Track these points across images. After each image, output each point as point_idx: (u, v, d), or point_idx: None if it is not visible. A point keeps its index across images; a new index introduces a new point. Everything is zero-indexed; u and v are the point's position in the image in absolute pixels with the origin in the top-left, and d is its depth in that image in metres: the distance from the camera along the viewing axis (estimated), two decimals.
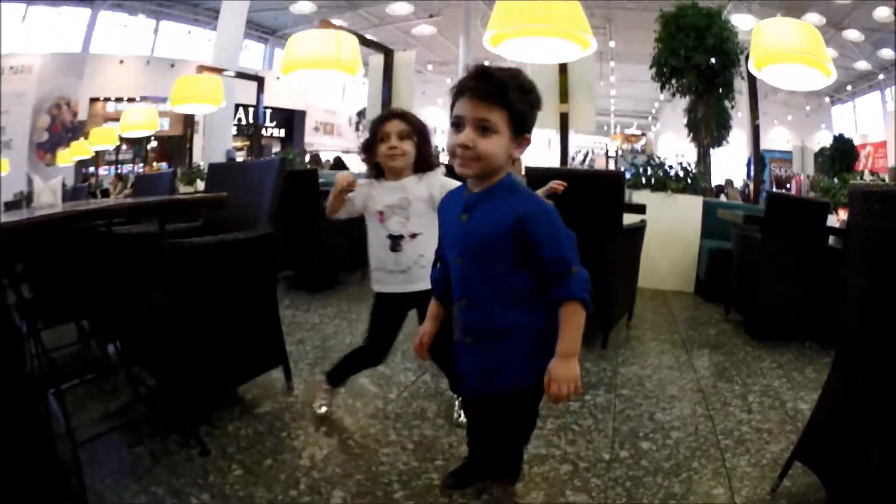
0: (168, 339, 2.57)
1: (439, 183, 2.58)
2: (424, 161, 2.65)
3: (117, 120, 13.50)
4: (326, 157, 18.74)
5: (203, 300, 2.67)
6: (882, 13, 16.34)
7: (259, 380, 3.17)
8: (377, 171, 2.68)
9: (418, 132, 2.63)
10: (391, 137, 2.58)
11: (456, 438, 2.67)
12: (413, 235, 2.58)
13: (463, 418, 2.70)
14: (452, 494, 2.19)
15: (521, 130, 1.77)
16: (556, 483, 2.34)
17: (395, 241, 2.58)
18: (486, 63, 1.86)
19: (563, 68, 6.84)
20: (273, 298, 3.14)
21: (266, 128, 23.55)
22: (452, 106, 1.79)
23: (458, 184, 2.14)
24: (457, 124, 1.75)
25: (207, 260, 2.65)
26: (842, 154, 20.93)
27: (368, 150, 2.67)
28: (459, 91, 1.76)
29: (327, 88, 26.19)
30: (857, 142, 24.43)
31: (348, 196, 2.64)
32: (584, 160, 23.79)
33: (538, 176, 4.11)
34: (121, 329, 2.99)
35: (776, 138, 30.79)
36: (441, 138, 3.25)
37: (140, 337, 2.86)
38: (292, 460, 2.44)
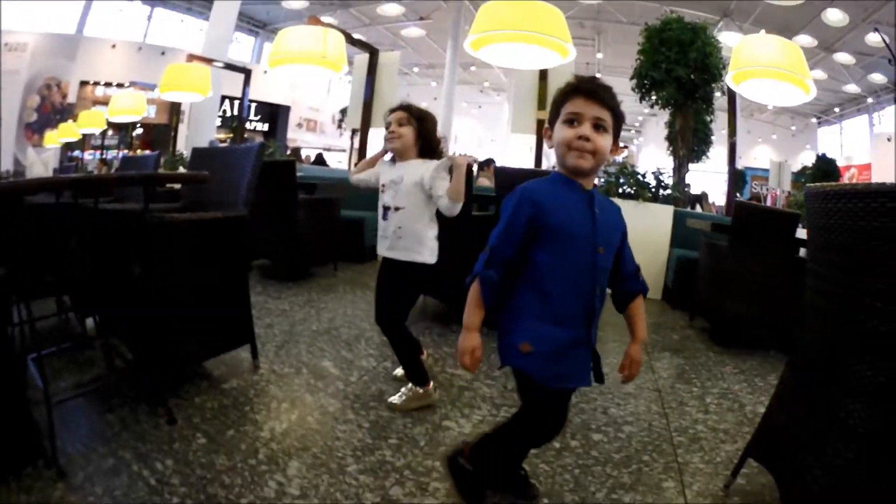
0: (146, 308, 2.66)
1: (432, 165, 2.92)
2: (427, 145, 3.03)
3: (106, 104, 13.47)
4: (307, 153, 18.78)
5: (181, 274, 2.77)
6: (874, 38, 16.46)
7: (226, 357, 3.27)
8: (393, 157, 3.11)
9: (418, 119, 3.01)
10: (392, 124, 3.00)
11: (410, 420, 2.78)
12: (397, 208, 2.93)
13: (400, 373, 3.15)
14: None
15: (617, 136, 1.92)
16: None
17: (385, 211, 2.98)
18: (473, 67, 1.97)
19: (542, 75, 6.97)
20: (245, 279, 3.23)
21: (250, 121, 23.55)
22: (560, 105, 1.91)
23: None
24: (571, 121, 1.86)
25: (187, 235, 2.75)
26: (823, 174, 21.02)
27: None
28: (573, 92, 1.88)
29: (313, 85, 26.36)
30: (842, 163, 24.58)
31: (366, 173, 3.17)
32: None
33: (508, 174, 4.23)
34: (101, 302, 3.06)
35: (760, 156, 30.98)
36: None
37: (119, 309, 2.92)
38: (253, 432, 2.52)
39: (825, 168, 21.42)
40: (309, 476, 2.21)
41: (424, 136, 3.01)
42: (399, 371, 3.25)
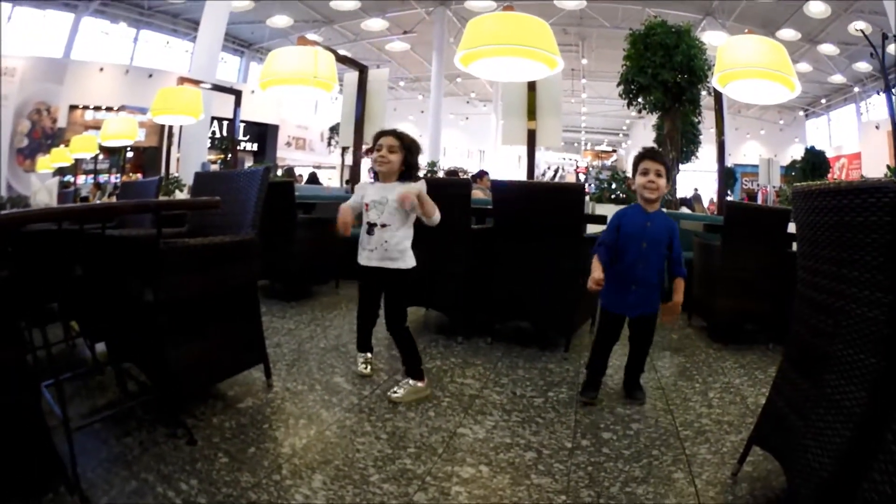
0: (162, 334, 2.70)
1: (412, 189, 3.30)
2: (409, 172, 3.49)
3: (96, 128, 13.47)
4: (299, 171, 18.85)
5: (194, 298, 2.83)
6: (859, 25, 16.56)
7: (239, 378, 3.35)
8: (375, 175, 3.56)
9: (407, 148, 3.48)
10: (383, 149, 3.43)
11: (426, 429, 2.86)
12: (384, 225, 3.37)
13: (366, 369, 3.68)
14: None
15: (669, 178, 3.37)
16: (521, 468, 2.52)
17: (371, 228, 3.40)
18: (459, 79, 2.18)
19: (531, 86, 7.05)
20: (255, 300, 3.29)
21: (240, 141, 23.64)
22: (637, 164, 3.38)
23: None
24: (645, 172, 3.30)
25: (199, 260, 2.81)
26: (813, 166, 21.14)
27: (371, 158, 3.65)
28: (643, 156, 3.36)
29: (300, 104, 26.48)
30: (831, 154, 24.66)
31: (350, 200, 3.54)
32: (554, 175, 24.09)
33: (502, 188, 4.31)
34: (110, 328, 3.11)
35: (749, 152, 31.10)
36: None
37: (131, 334, 2.98)
38: (274, 449, 2.59)
39: (814, 160, 21.50)
40: (334, 487, 2.28)
41: (409, 164, 3.49)
42: (396, 394, 3.32)
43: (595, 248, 3.36)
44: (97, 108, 20.01)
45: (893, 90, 16.25)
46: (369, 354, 3.74)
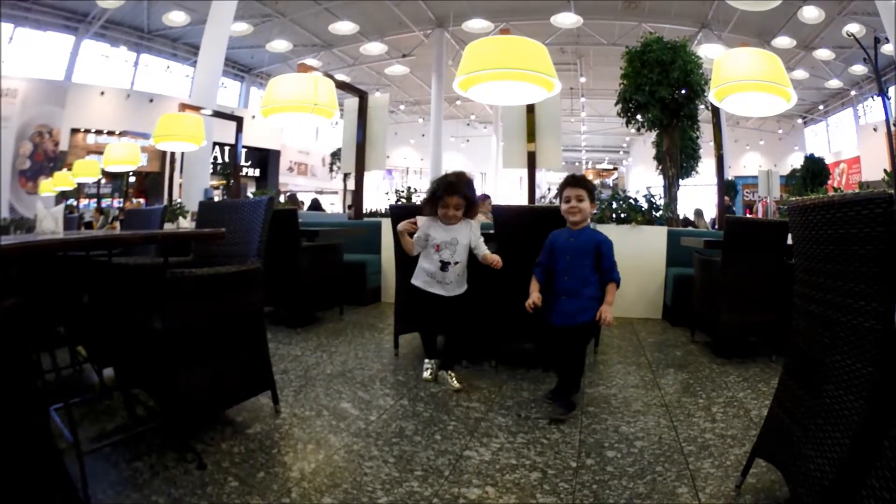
0: (169, 362, 2.73)
1: (476, 230, 3.97)
2: (469, 213, 3.94)
3: (97, 152, 13.49)
4: (301, 197, 18.91)
5: (202, 326, 2.86)
6: (853, 28, 16.60)
7: (247, 404, 3.39)
8: (435, 214, 3.94)
9: (467, 197, 3.89)
10: (449, 208, 3.86)
11: (433, 452, 2.88)
12: (456, 263, 3.89)
13: (430, 375, 4.01)
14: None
15: (592, 199, 3.69)
16: (526, 488, 2.54)
17: (445, 265, 3.88)
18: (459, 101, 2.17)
19: (530, 108, 7.14)
20: (262, 328, 3.32)
21: (242, 167, 23.70)
22: (560, 192, 3.74)
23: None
24: (567, 199, 3.65)
25: (206, 290, 2.84)
26: (813, 174, 21.09)
27: (429, 204, 3.92)
28: (566, 185, 3.70)
29: (301, 129, 26.57)
30: (830, 160, 24.60)
31: (414, 237, 3.94)
32: (556, 196, 24.21)
33: (503, 213, 4.36)
34: (121, 355, 3.14)
35: (749, 163, 31.08)
36: (412, 178, 4.09)
37: (139, 361, 3.01)
38: (283, 473, 2.62)
39: (814, 168, 21.43)
40: None
41: (469, 209, 3.94)
42: (427, 374, 4.02)
43: (534, 269, 3.75)
44: (99, 133, 20.10)
45: (889, 92, 16.27)
46: (435, 361, 4.07)
